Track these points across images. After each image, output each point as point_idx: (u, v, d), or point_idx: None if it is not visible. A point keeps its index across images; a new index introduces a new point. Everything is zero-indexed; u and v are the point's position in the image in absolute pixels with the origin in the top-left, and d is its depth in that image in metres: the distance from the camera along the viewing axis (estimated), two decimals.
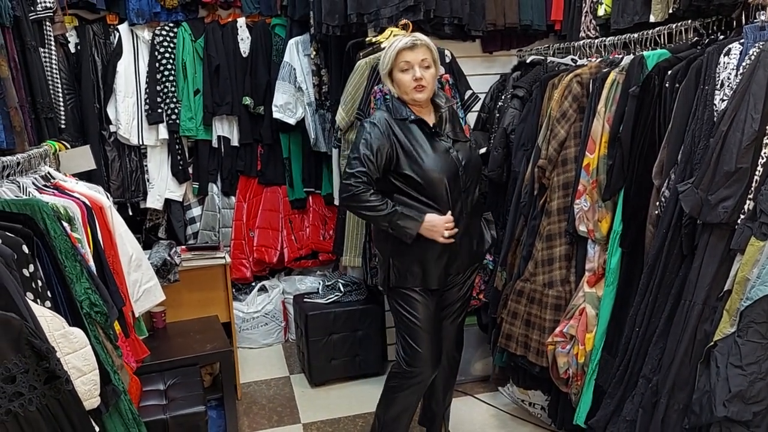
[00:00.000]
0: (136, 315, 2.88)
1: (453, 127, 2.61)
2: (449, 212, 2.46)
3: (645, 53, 2.46)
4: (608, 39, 2.93)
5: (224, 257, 3.52)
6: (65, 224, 2.20)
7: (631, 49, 2.79)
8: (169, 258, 3.28)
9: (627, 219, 2.40)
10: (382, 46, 3.38)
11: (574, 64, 3.11)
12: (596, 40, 3.02)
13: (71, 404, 1.45)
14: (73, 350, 1.70)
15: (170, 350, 3.04)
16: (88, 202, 2.60)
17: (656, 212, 2.25)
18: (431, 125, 2.52)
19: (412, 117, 2.50)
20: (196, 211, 4.43)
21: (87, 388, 1.71)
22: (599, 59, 2.93)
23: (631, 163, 2.38)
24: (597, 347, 2.51)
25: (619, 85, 2.54)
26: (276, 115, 4.16)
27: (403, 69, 2.47)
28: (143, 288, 2.92)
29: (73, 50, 4.04)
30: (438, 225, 2.42)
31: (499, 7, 3.66)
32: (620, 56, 2.78)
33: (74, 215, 2.36)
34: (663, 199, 2.19)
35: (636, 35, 2.73)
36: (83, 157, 3.12)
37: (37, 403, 1.36)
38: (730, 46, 2.04)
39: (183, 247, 3.61)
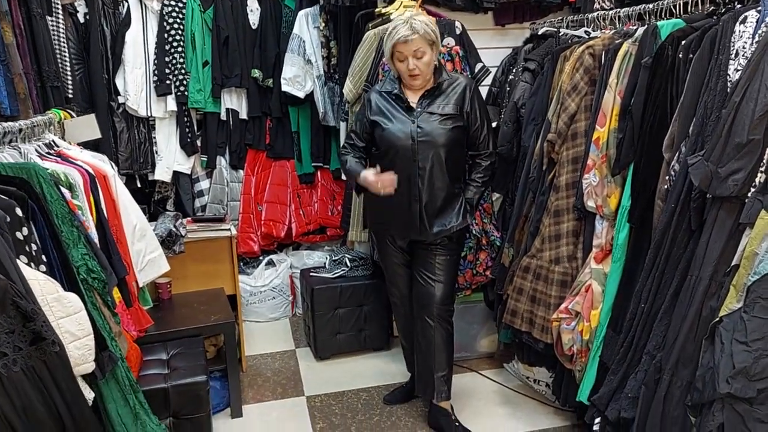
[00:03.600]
0: (140, 285, 2.88)
1: (443, 100, 2.74)
2: (395, 174, 2.65)
3: (659, 23, 2.38)
4: (623, 10, 2.85)
5: (230, 229, 3.50)
6: (65, 190, 2.19)
7: (646, 20, 2.71)
8: (174, 229, 3.26)
9: (636, 194, 2.34)
10: (392, 17, 3.32)
11: (587, 36, 3.03)
12: (611, 12, 2.94)
13: (58, 367, 1.44)
14: (67, 314, 1.68)
15: (174, 321, 3.04)
16: (91, 171, 2.58)
17: (665, 186, 2.19)
18: (404, 100, 2.74)
19: (395, 92, 2.75)
20: (204, 184, 4.40)
21: (81, 353, 1.70)
22: (613, 31, 2.86)
23: (641, 136, 2.32)
24: (602, 324, 2.47)
25: (631, 57, 2.47)
26: (285, 88, 4.11)
27: (399, 59, 2.68)
28: (147, 258, 2.92)
29: (81, 20, 4.00)
30: (371, 181, 2.66)
31: None
32: (634, 27, 2.71)
33: (75, 182, 2.34)
34: (673, 173, 2.13)
35: (651, 6, 2.65)
36: (88, 126, 3.10)
37: (21, 363, 1.35)
38: (747, 13, 1.96)
39: (189, 218, 3.59)
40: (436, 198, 2.74)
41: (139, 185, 4.28)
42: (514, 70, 3.40)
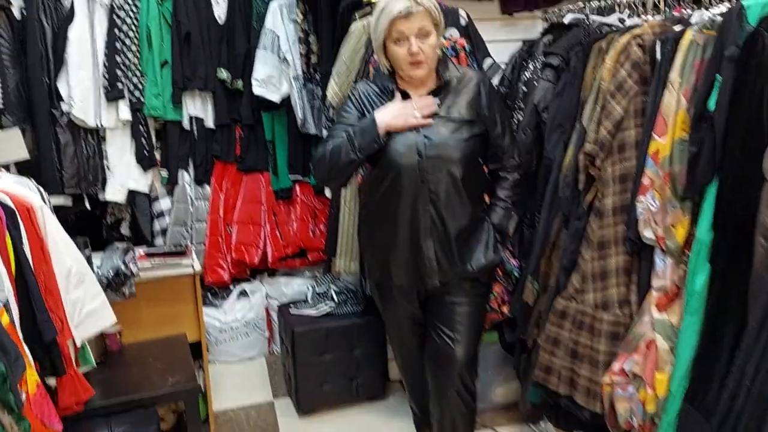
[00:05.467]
0: (78, 344, 2.29)
1: (454, 102, 2.20)
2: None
3: (744, 2, 1.83)
4: None
5: (192, 265, 2.89)
6: None
7: (705, 3, 2.18)
8: (123, 267, 2.65)
9: (720, 226, 1.80)
10: None
11: (622, 25, 2.51)
12: None
13: None
14: None
15: (122, 386, 2.42)
16: (10, 203, 2.02)
17: None
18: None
19: (390, 88, 2.21)
20: (164, 204, 3.78)
21: None
22: (660, 17, 2.33)
23: (726, 150, 1.78)
24: (674, 394, 1.91)
25: (698, 47, 1.94)
26: (257, 90, 3.54)
27: (397, 40, 2.11)
28: (86, 309, 2.32)
29: (18, 16, 3.38)
30: (398, 108, 2.14)
31: None
32: (690, 13, 2.19)
33: None
34: None
35: None
36: (13, 143, 2.51)
37: None
38: None
39: (141, 252, 2.96)
40: (456, 229, 2.18)
41: (88, 207, 3.65)
42: (531, 67, 2.85)
